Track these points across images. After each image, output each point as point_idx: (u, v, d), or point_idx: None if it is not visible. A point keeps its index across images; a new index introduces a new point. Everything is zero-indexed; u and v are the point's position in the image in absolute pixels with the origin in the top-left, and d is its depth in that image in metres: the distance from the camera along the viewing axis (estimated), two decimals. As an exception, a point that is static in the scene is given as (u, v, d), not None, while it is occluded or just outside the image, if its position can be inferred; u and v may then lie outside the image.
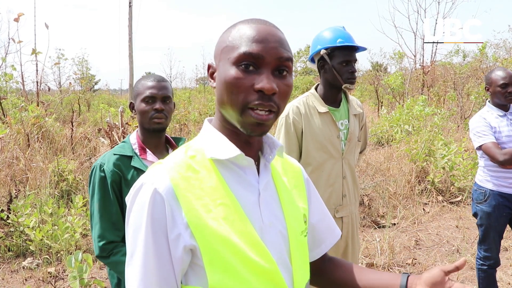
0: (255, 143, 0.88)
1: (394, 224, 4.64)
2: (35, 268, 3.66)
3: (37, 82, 9.08)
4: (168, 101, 1.67)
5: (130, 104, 1.74)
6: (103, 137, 7.82)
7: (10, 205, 4.09)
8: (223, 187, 0.80)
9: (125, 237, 0.82)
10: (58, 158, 5.39)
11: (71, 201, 4.61)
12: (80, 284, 2.55)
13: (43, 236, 3.79)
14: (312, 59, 2.19)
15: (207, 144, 0.85)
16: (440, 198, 5.36)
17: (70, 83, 12.13)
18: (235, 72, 0.78)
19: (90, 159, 6.31)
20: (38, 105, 7.20)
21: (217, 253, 0.76)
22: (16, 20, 7.18)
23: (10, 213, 4.00)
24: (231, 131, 0.85)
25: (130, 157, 1.64)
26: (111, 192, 1.57)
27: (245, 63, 0.78)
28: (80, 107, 12.60)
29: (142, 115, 1.65)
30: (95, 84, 24.07)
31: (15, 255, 3.90)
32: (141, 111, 1.65)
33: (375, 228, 4.48)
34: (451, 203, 5.30)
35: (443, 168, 5.60)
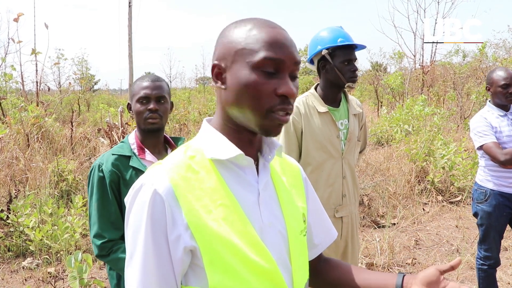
0: (256, 143, 0.88)
1: (394, 224, 4.64)
2: (35, 268, 3.66)
3: (36, 82, 9.08)
4: (163, 100, 1.67)
5: (128, 105, 1.75)
6: (102, 137, 7.81)
7: (10, 205, 4.09)
8: (222, 188, 0.80)
9: (124, 236, 0.82)
10: (58, 158, 5.39)
11: (71, 201, 4.60)
12: (80, 284, 2.55)
13: (43, 236, 3.79)
14: (311, 60, 2.19)
15: (206, 144, 0.85)
16: (440, 198, 5.36)
17: (70, 83, 12.11)
18: (257, 76, 0.78)
19: (90, 159, 6.30)
20: (37, 105, 7.19)
21: (217, 253, 0.76)
22: (16, 20, 7.17)
23: (10, 213, 4.00)
24: (234, 130, 0.85)
25: (129, 157, 1.64)
26: (110, 192, 1.58)
27: (266, 67, 0.79)
28: (79, 107, 12.56)
29: (138, 115, 1.66)
30: (95, 84, 24.04)
31: (15, 255, 3.89)
32: (136, 112, 1.66)
33: (375, 228, 4.48)
34: (451, 203, 5.30)
35: (443, 168, 5.60)
